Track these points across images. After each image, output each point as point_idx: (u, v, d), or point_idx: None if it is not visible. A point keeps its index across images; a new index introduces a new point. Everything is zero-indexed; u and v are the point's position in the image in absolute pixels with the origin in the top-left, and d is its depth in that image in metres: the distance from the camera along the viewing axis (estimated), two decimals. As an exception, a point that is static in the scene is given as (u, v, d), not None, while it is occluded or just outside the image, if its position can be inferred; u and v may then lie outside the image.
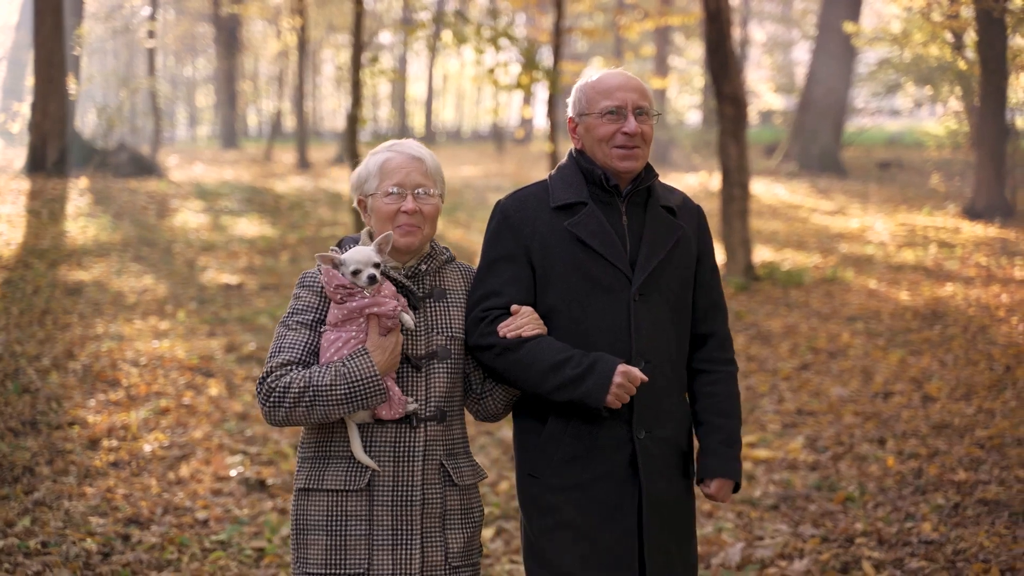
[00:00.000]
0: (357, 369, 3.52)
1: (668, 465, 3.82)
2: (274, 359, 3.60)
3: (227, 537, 6.50)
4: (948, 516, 6.91)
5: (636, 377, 3.61)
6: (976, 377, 10.34)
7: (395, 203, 3.71)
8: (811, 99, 30.69)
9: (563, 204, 3.82)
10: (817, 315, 13.39)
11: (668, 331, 3.84)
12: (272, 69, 54.86)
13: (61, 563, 5.84)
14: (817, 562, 6.27)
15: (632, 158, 3.82)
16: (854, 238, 19.95)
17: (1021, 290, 14.47)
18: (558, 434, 3.75)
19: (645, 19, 24.42)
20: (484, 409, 3.92)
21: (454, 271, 3.92)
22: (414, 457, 3.64)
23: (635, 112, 3.82)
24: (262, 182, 26.81)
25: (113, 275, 14.05)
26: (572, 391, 3.62)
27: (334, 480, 3.62)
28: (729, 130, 14.88)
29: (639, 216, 3.87)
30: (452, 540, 3.71)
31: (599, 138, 3.83)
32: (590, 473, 3.72)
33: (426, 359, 3.72)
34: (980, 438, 8.52)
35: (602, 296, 3.76)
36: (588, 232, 3.77)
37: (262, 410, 3.56)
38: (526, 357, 3.67)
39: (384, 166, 3.75)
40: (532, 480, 3.81)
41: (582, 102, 3.90)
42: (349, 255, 3.61)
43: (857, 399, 9.84)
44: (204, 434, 8.47)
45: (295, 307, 3.73)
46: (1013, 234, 19.82)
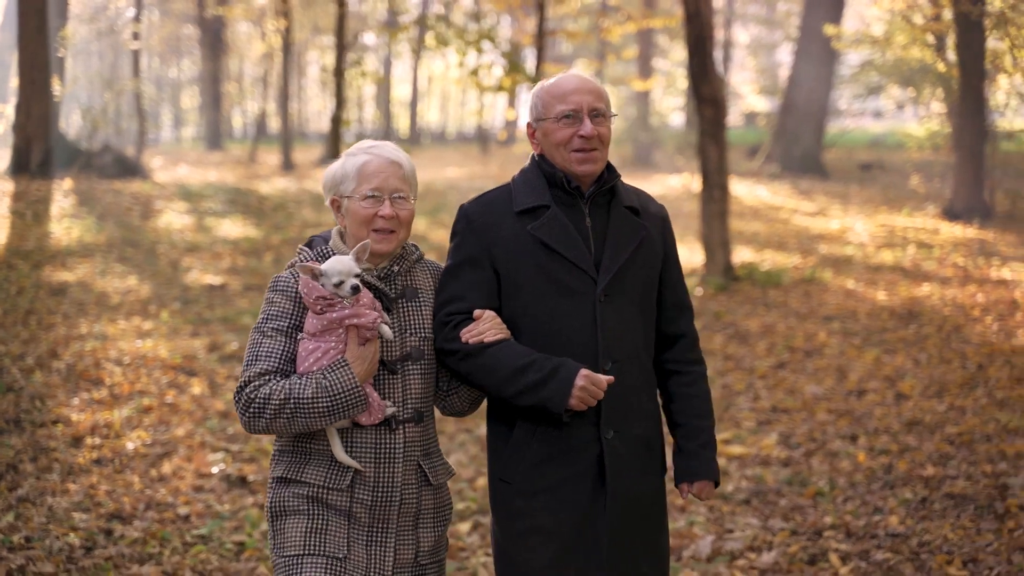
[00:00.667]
0: (338, 381, 3.52)
1: (638, 463, 3.84)
2: (251, 368, 3.59)
3: (208, 532, 6.62)
4: (915, 510, 7.07)
5: (600, 381, 3.64)
6: (949, 375, 10.49)
7: (373, 207, 3.70)
8: (793, 101, 30.90)
9: (526, 208, 3.84)
10: (795, 315, 13.55)
11: (635, 331, 3.87)
12: (257, 70, 54.92)
13: (44, 557, 5.95)
14: (785, 554, 6.42)
15: (590, 161, 3.83)
16: (834, 239, 20.14)
17: (997, 290, 14.65)
18: (526, 438, 3.77)
19: (627, 21, 24.56)
20: (450, 406, 3.94)
21: (423, 270, 3.94)
22: (394, 459, 3.67)
23: (591, 115, 3.83)
24: (246, 183, 26.90)
25: (97, 276, 14.14)
26: (534, 396, 3.65)
27: (315, 476, 3.63)
28: (709, 132, 15.03)
29: (603, 217, 3.89)
30: (424, 538, 3.75)
31: (556, 142, 3.85)
32: (559, 475, 3.75)
33: (401, 361, 3.73)
34: (950, 434, 8.68)
35: (568, 298, 3.78)
36: (552, 235, 3.79)
37: (241, 420, 3.56)
38: (489, 362, 3.69)
39: (363, 169, 3.74)
40: (503, 485, 3.83)
41: (538, 107, 3.92)
42: (330, 266, 3.59)
43: (831, 397, 9.99)
44: (186, 432, 8.58)
45: (269, 313, 3.70)
46: (991, 235, 20.04)
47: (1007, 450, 8.14)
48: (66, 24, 30.03)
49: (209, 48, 41.56)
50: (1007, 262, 16.91)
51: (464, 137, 57.03)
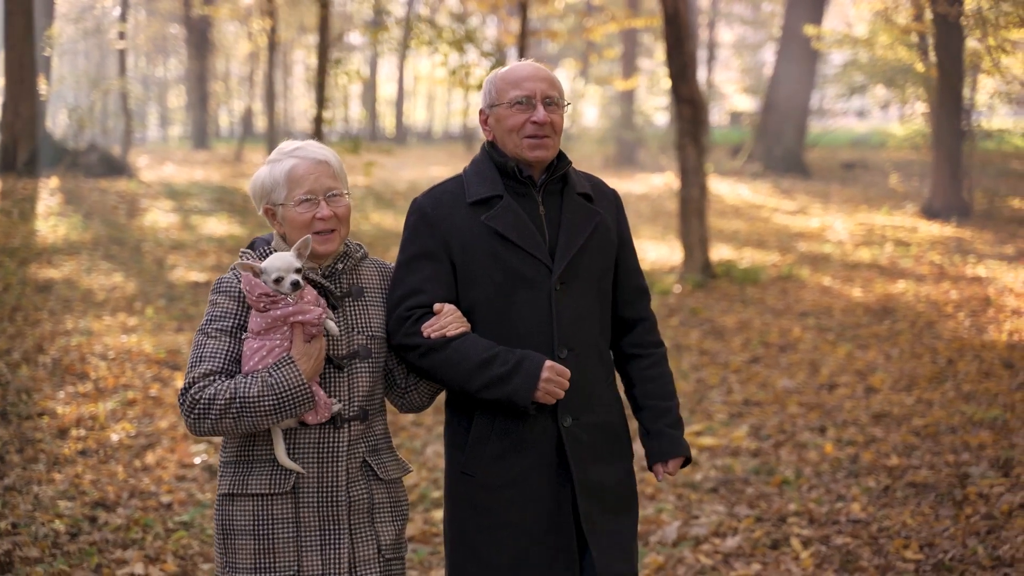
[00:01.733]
0: (284, 379, 3.49)
1: (601, 449, 3.84)
2: (196, 369, 3.53)
3: (190, 518, 6.81)
4: (877, 497, 7.29)
5: (564, 372, 3.66)
6: (919, 369, 10.72)
7: (309, 211, 3.67)
8: (774, 101, 31.14)
9: (479, 199, 3.83)
10: (771, 311, 13.77)
11: (592, 318, 3.87)
12: (243, 70, 55.04)
13: (31, 542, 6.13)
14: (749, 539, 6.63)
15: (542, 147, 3.83)
16: (813, 237, 20.38)
17: (971, 287, 14.89)
18: (485, 431, 3.76)
19: (610, 22, 24.76)
20: (409, 402, 3.93)
21: (370, 268, 3.92)
22: (338, 457, 3.64)
23: (544, 102, 3.83)
24: (232, 182, 27.04)
25: (83, 273, 14.29)
26: (499, 390, 3.65)
27: (258, 484, 3.59)
28: (687, 131, 15.24)
29: (556, 205, 3.89)
30: (383, 533, 3.72)
31: (509, 128, 3.85)
32: (520, 467, 3.75)
33: (348, 359, 3.71)
34: (916, 426, 8.90)
35: (524, 288, 3.78)
36: (506, 225, 3.78)
37: (187, 422, 3.50)
38: (452, 356, 3.68)
39: (291, 174, 3.69)
40: (465, 478, 3.80)
41: (492, 93, 3.92)
42: (270, 263, 3.56)
43: (803, 390, 10.21)
44: (170, 424, 8.76)
45: (213, 314, 3.64)
46: (968, 233, 20.30)
47: (970, 441, 8.36)
48: (52, 24, 30.13)
49: (195, 47, 41.65)
50: (982, 259, 17.16)
51: (450, 136, 57.18)
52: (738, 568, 6.24)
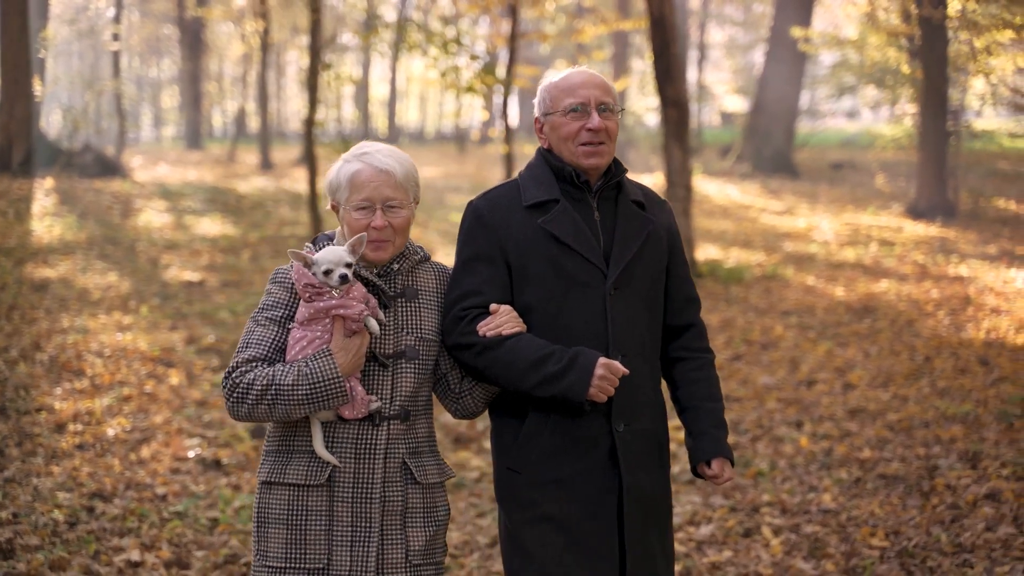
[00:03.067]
0: (319, 370, 3.54)
1: (647, 457, 3.85)
2: (240, 354, 3.63)
3: (184, 508, 7.05)
4: (848, 488, 7.55)
5: (618, 369, 3.65)
6: (896, 367, 10.98)
7: (365, 218, 3.70)
8: (763, 102, 31.39)
9: (536, 202, 3.86)
10: (754, 310, 14.03)
11: (642, 324, 3.89)
12: (237, 70, 55.18)
13: (31, 531, 6.37)
14: (722, 528, 6.90)
15: (598, 155, 3.85)
16: (799, 237, 20.64)
17: (952, 286, 15.16)
18: (538, 430, 3.78)
19: (600, 24, 24.99)
20: (463, 407, 3.93)
21: (428, 271, 3.93)
22: (375, 455, 3.66)
23: (599, 108, 3.85)
24: (225, 182, 27.25)
25: (78, 272, 14.51)
26: (554, 386, 3.65)
27: (295, 474, 3.65)
28: (672, 133, 15.48)
29: (610, 211, 3.91)
30: (413, 538, 3.72)
31: (564, 136, 3.87)
32: (570, 467, 3.75)
33: (394, 358, 3.74)
34: (891, 421, 9.16)
35: (578, 292, 3.79)
36: (562, 229, 3.80)
37: (226, 404, 3.60)
38: (507, 355, 3.69)
39: (354, 179, 3.74)
40: (512, 475, 3.82)
41: (546, 101, 3.94)
42: (321, 255, 3.63)
43: (782, 387, 10.46)
44: (164, 419, 8.99)
45: (265, 303, 3.74)
46: (953, 233, 20.58)
47: (942, 435, 8.63)
48: (47, 25, 30.31)
49: (189, 48, 41.84)
50: (965, 259, 17.44)
51: (443, 136, 57.41)
52: (710, 555, 6.50)
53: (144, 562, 6.14)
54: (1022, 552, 6.14)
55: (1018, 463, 7.70)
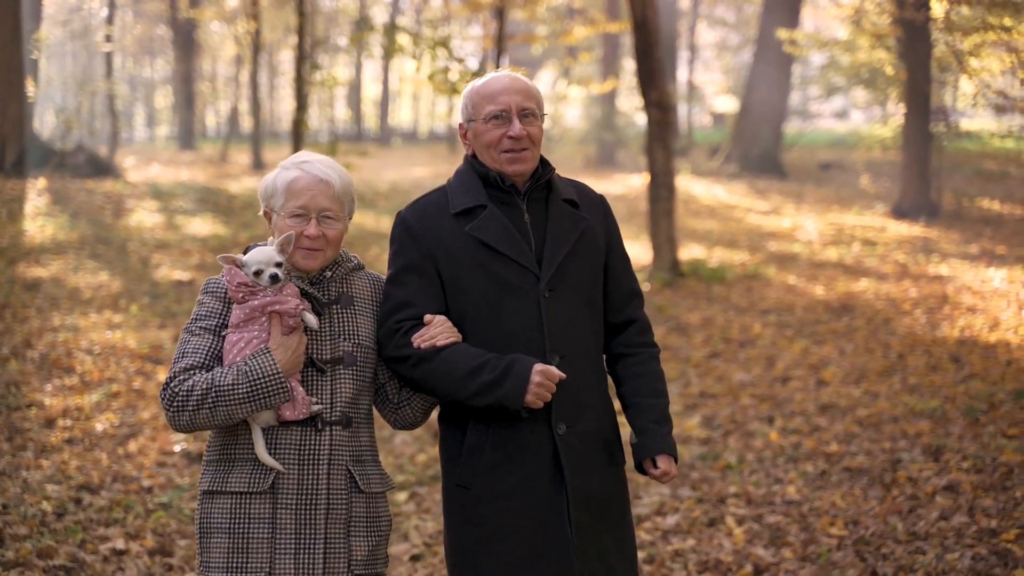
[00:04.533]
0: (259, 367, 3.53)
1: (594, 458, 3.81)
2: (177, 364, 3.60)
3: (168, 500, 7.30)
4: (812, 481, 7.80)
5: (554, 375, 3.63)
6: (870, 364, 11.22)
7: (298, 226, 3.70)
8: (751, 103, 31.64)
9: (463, 209, 3.82)
10: (734, 308, 14.27)
11: (582, 324, 3.86)
12: (229, 70, 55.36)
13: (20, 521, 6.60)
14: (688, 518, 7.15)
15: (520, 161, 3.83)
16: (784, 237, 20.88)
17: (931, 285, 15.40)
18: (479, 442, 3.75)
19: (589, 25, 25.25)
20: (402, 418, 3.92)
21: (363, 279, 3.92)
22: (319, 461, 3.65)
23: (520, 115, 3.82)
24: (216, 183, 27.44)
25: (70, 272, 14.71)
26: (491, 395, 3.63)
27: (238, 482, 3.62)
28: (656, 134, 15.73)
29: (541, 212, 3.88)
30: (356, 547, 3.70)
31: (486, 143, 3.84)
32: (516, 477, 3.72)
33: (331, 363, 3.72)
34: (860, 416, 9.40)
35: (512, 296, 3.76)
36: (491, 234, 3.78)
37: (166, 415, 3.58)
38: (442, 366, 3.67)
39: (291, 186, 3.73)
40: (461, 491, 3.79)
41: (469, 108, 3.91)
42: (251, 255, 3.64)
43: (757, 383, 10.71)
44: (152, 415, 9.22)
45: (199, 313, 3.72)
46: (935, 233, 20.83)
47: (908, 430, 8.87)
48: (40, 26, 30.49)
49: (181, 49, 42.00)
50: (946, 259, 17.67)
51: (436, 136, 57.58)
52: (674, 543, 6.75)
53: (128, 550, 6.38)
54: (974, 540, 6.40)
55: (978, 456, 7.95)
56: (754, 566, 6.35)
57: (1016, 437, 8.36)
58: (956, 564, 6.05)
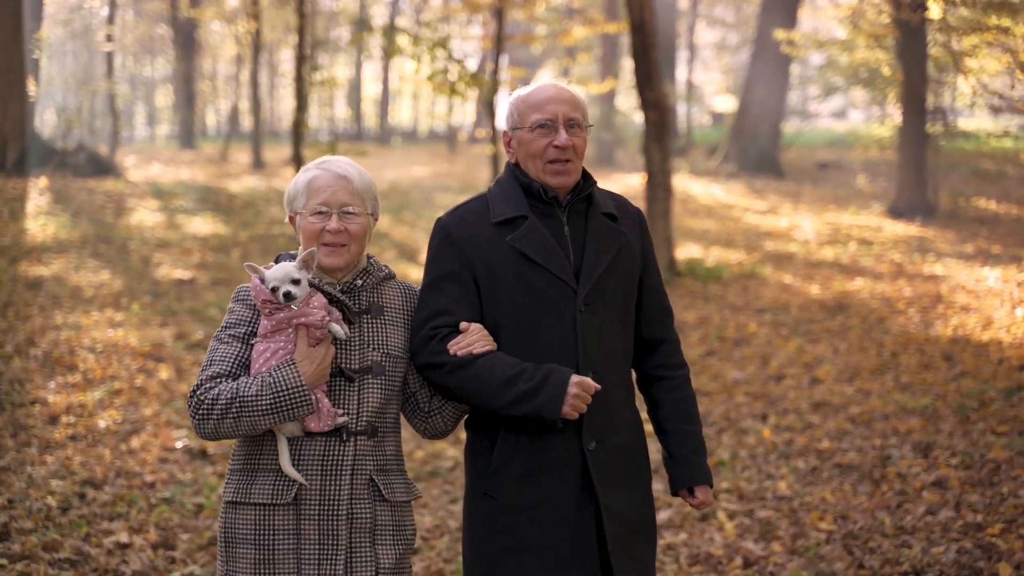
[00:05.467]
0: (283, 379, 3.54)
1: (623, 473, 3.83)
2: (205, 372, 3.62)
3: (171, 495, 7.43)
4: (804, 477, 7.94)
5: (590, 386, 3.63)
6: (863, 362, 11.35)
7: (320, 222, 3.72)
8: (749, 102, 31.76)
9: (504, 219, 3.82)
10: (730, 307, 14.40)
11: (615, 340, 3.87)
12: (230, 69, 55.47)
13: (25, 515, 6.74)
14: (680, 512, 7.29)
15: (564, 173, 3.83)
16: (780, 236, 21.00)
17: (925, 284, 15.52)
18: (509, 454, 3.75)
19: (587, 25, 25.39)
20: (432, 427, 3.92)
21: (393, 289, 3.92)
22: (342, 471, 3.65)
23: (567, 125, 3.82)
24: (217, 182, 27.54)
25: (72, 270, 14.83)
26: (527, 405, 3.62)
27: (261, 493, 3.63)
28: (652, 134, 15.86)
29: (581, 225, 3.87)
30: (383, 556, 3.70)
31: (531, 152, 3.84)
32: (544, 490, 3.73)
33: (360, 373, 3.72)
34: (852, 414, 9.54)
35: (548, 309, 3.76)
36: (531, 246, 3.77)
37: (192, 423, 3.59)
38: (479, 373, 3.66)
39: (311, 184, 3.76)
40: (488, 500, 3.79)
41: (514, 116, 3.90)
42: (270, 272, 3.64)
43: (752, 381, 10.84)
44: (154, 412, 9.36)
45: (228, 321, 3.74)
46: (931, 232, 20.94)
47: (899, 427, 9.01)
48: (41, 26, 30.59)
49: (182, 48, 42.08)
50: (941, 258, 17.79)
51: (436, 136, 57.70)
52: (667, 537, 6.90)
53: (132, 544, 6.52)
54: (959, 534, 6.54)
55: (967, 453, 8.09)
56: (744, 559, 6.50)
57: (1005, 434, 8.49)
58: (941, 557, 6.19)
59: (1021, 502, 6.95)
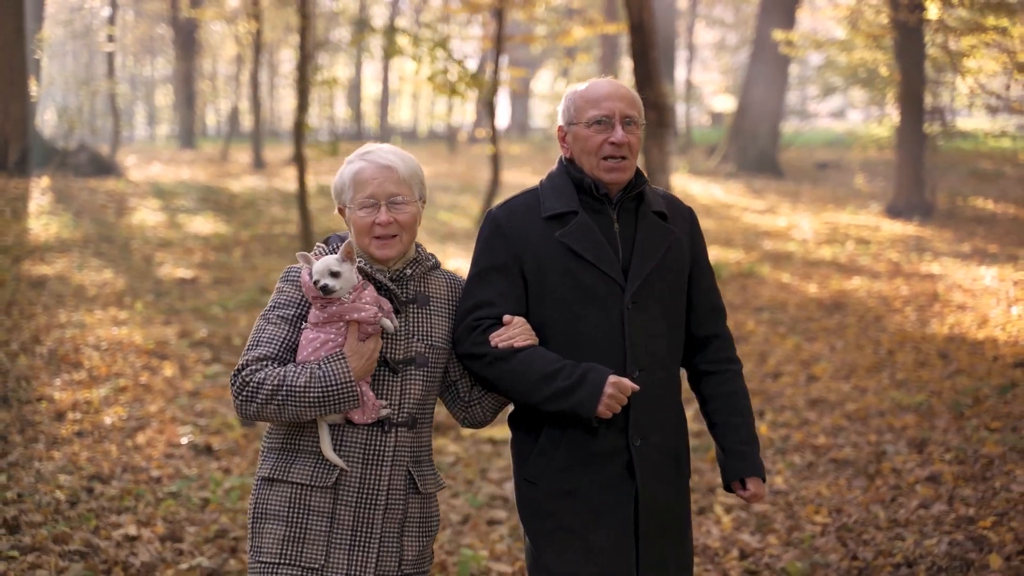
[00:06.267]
0: (332, 373, 3.52)
1: (664, 469, 3.84)
2: (251, 352, 3.60)
3: (177, 489, 7.55)
4: (800, 472, 8.07)
5: (627, 387, 3.63)
6: (860, 360, 11.47)
7: (370, 215, 3.69)
8: (748, 102, 31.88)
9: (554, 214, 3.83)
10: (729, 306, 14.44)
11: (662, 337, 3.86)
12: (230, 69, 55.56)
13: (34, 509, 6.86)
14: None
15: (619, 170, 3.82)
16: (779, 235, 21.12)
17: (922, 283, 15.65)
18: (553, 445, 3.78)
19: (587, 26, 25.51)
20: (472, 416, 3.93)
21: (439, 278, 3.91)
22: (383, 461, 3.65)
23: (623, 122, 3.82)
24: (218, 181, 27.65)
25: (75, 269, 14.95)
26: (563, 402, 3.64)
27: (301, 474, 3.63)
28: (652, 134, 15.95)
29: (631, 223, 3.86)
30: (408, 547, 3.72)
31: (587, 149, 3.83)
32: (587, 480, 3.75)
33: (404, 364, 3.72)
34: (848, 411, 9.67)
35: (595, 306, 3.77)
36: (580, 242, 3.77)
37: (235, 402, 3.57)
38: (518, 367, 3.68)
39: (356, 177, 3.73)
40: (529, 486, 3.83)
41: (570, 111, 3.91)
42: (315, 264, 3.61)
43: (749, 378, 10.90)
44: (159, 408, 9.48)
45: (277, 301, 3.71)
46: (929, 232, 21.07)
47: (895, 423, 9.14)
48: (42, 26, 30.68)
49: (182, 48, 42.17)
50: (938, 257, 17.92)
51: (436, 136, 57.80)
52: (665, 530, 7.01)
53: (140, 536, 6.64)
54: (952, 527, 6.67)
55: (961, 448, 8.22)
56: (740, 551, 6.63)
57: (998, 430, 8.62)
58: (933, 549, 6.32)
59: (1013, 496, 7.08)
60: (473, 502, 7.57)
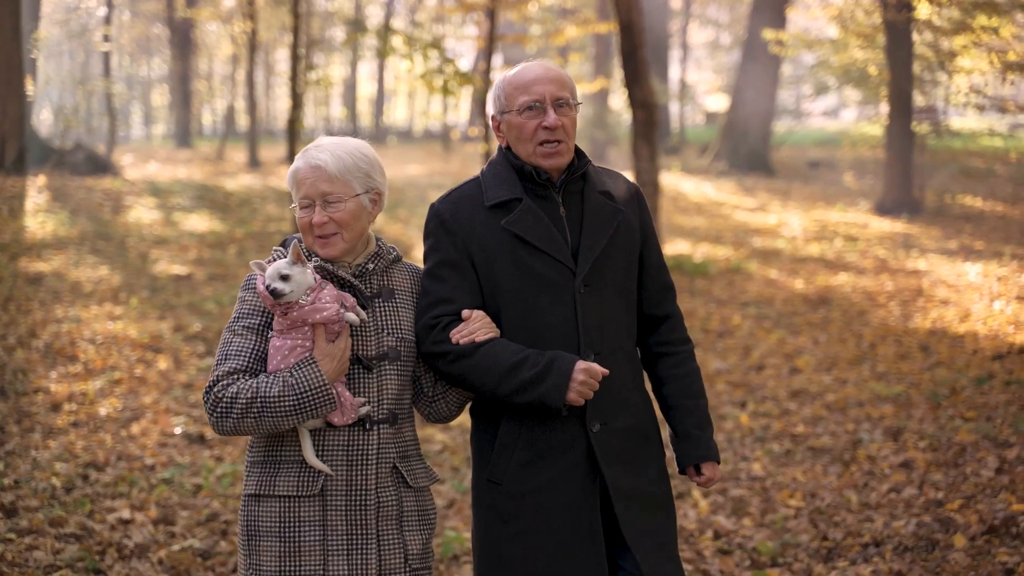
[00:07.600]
0: (305, 379, 3.46)
1: (631, 454, 3.76)
2: (220, 367, 3.53)
3: (170, 476, 7.76)
4: (777, 459, 8.28)
5: (597, 372, 3.57)
6: (842, 353, 11.69)
7: (307, 215, 3.65)
8: (740, 101, 32.09)
9: (498, 202, 3.75)
10: (716, 301, 14.73)
11: (617, 319, 3.80)
12: (226, 69, 55.72)
13: (31, 495, 7.06)
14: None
15: (557, 154, 3.75)
16: (768, 233, 21.34)
17: (908, 279, 15.87)
18: (512, 438, 3.70)
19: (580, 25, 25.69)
20: (436, 411, 3.87)
21: (402, 271, 3.85)
22: (367, 460, 3.60)
23: (555, 104, 3.73)
24: (213, 180, 27.79)
25: (71, 266, 15.12)
26: (531, 393, 3.57)
27: (286, 486, 3.57)
28: (640, 132, 16.18)
29: (577, 205, 3.80)
30: (411, 542, 3.68)
31: (521, 136, 3.76)
32: (548, 474, 3.68)
33: (377, 360, 3.66)
34: (828, 401, 9.88)
35: (547, 292, 3.70)
36: (526, 229, 3.71)
37: (210, 420, 3.50)
38: (482, 361, 3.61)
39: (294, 177, 3.69)
40: (492, 486, 3.74)
41: (501, 99, 3.81)
42: (268, 269, 3.52)
43: (733, 371, 11.17)
44: (153, 400, 9.68)
45: (240, 312, 3.64)
46: (916, 229, 21.29)
47: (872, 413, 9.36)
48: (38, 26, 30.84)
49: (178, 48, 42.35)
50: (924, 254, 18.15)
51: (430, 135, 57.97)
52: (643, 514, 7.22)
53: (134, 519, 6.84)
54: (920, 509, 6.90)
55: (935, 437, 8.44)
56: (714, 532, 6.84)
57: (973, 419, 8.85)
58: (901, 530, 6.54)
59: (982, 480, 7.31)
60: (459, 487, 7.77)
